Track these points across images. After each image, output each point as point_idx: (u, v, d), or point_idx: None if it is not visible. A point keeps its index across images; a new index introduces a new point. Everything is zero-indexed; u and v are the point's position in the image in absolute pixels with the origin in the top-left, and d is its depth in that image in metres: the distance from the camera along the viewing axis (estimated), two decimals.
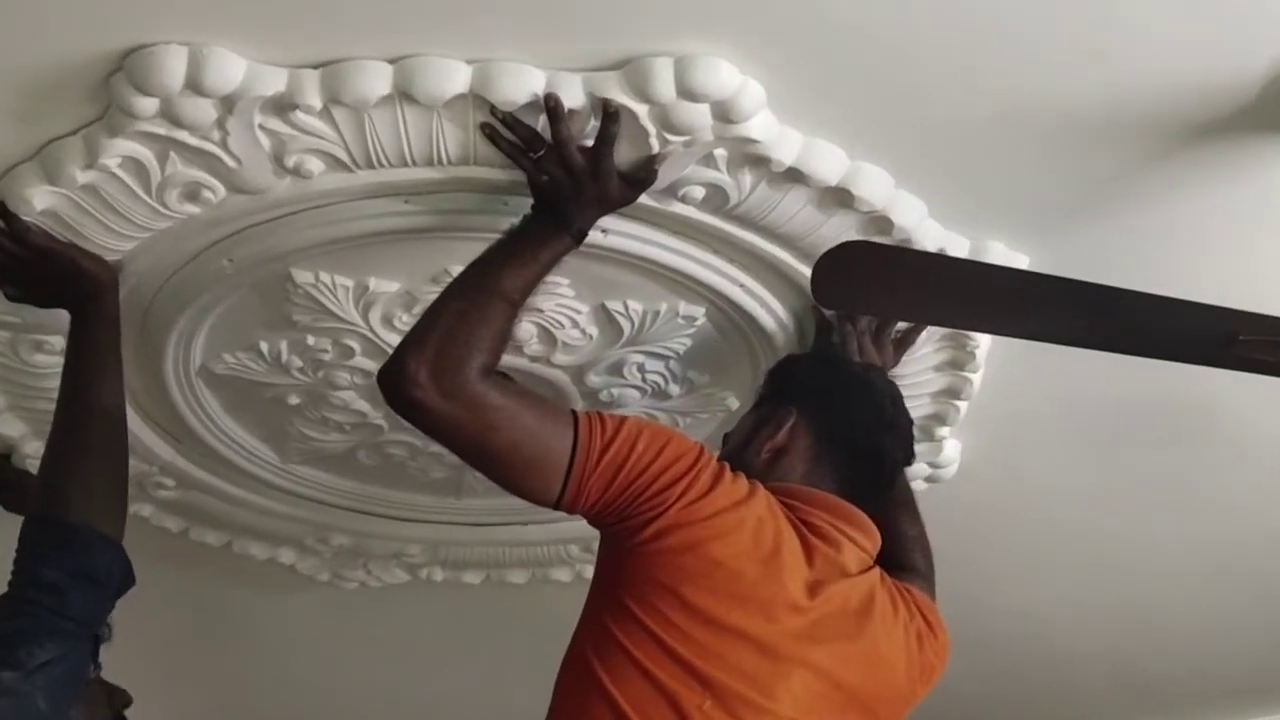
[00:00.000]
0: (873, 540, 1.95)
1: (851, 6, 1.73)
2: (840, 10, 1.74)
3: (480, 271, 1.84)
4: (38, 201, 1.89)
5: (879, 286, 1.84)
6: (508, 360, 1.99)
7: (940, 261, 1.94)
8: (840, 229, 2.03)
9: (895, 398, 2.13)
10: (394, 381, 1.76)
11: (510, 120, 1.81)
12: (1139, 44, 1.81)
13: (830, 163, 1.94)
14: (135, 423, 2.37)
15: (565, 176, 1.84)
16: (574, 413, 1.82)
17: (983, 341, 2.31)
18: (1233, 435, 2.60)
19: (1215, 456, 2.67)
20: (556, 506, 1.81)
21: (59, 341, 2.16)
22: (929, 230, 2.06)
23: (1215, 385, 2.47)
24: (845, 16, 1.75)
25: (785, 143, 1.89)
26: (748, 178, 1.94)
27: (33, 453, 2.41)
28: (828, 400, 2.04)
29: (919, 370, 2.35)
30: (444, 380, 1.74)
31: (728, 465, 1.86)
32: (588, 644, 1.81)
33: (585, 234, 1.90)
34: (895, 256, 1.87)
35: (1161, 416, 2.56)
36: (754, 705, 1.75)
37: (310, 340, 2.21)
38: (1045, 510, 2.78)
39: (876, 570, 1.94)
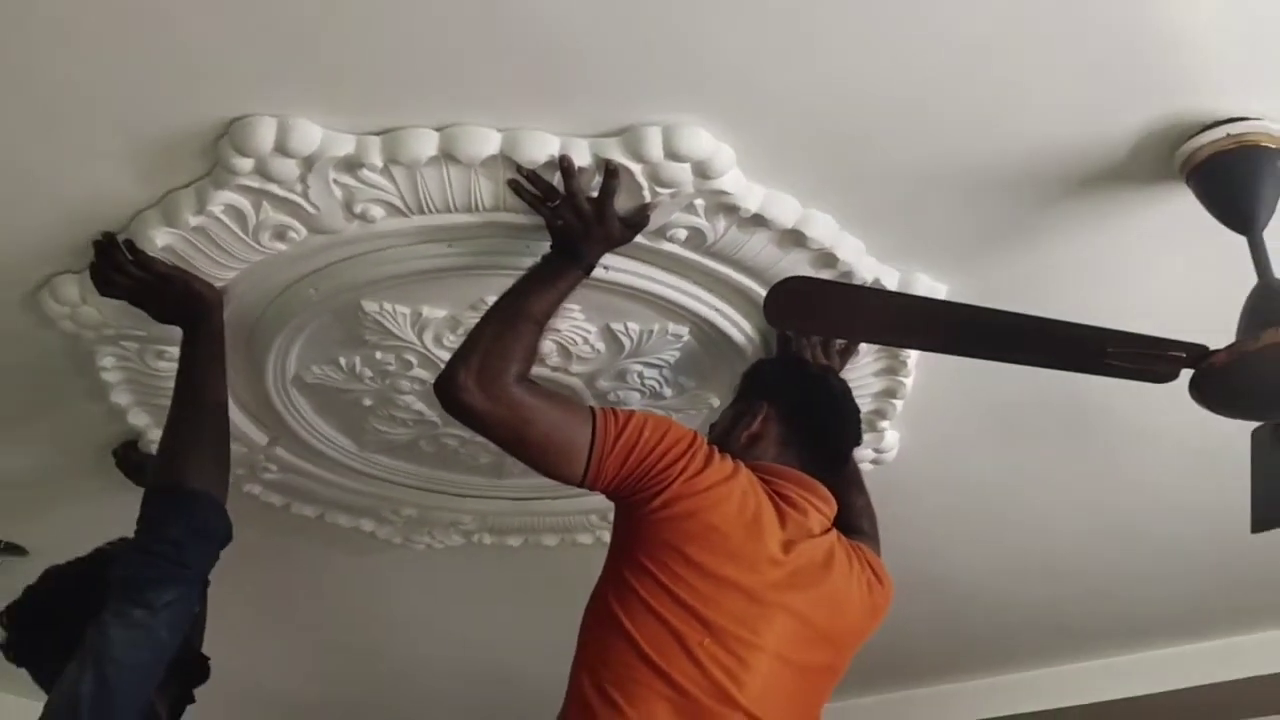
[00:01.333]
0: (831, 507, 1.92)
1: (801, 91, 1.71)
2: (792, 93, 1.71)
3: (511, 300, 1.81)
4: (159, 240, 1.86)
5: (815, 312, 1.79)
6: (534, 371, 1.95)
7: (858, 292, 1.90)
8: (795, 263, 1.97)
9: (846, 393, 2.10)
10: (447, 389, 1.74)
11: (532, 176, 1.77)
12: (1027, 113, 1.77)
13: (786, 210, 1.89)
14: (244, 421, 2.34)
15: (576, 221, 1.79)
16: (591, 408, 1.79)
17: (912, 353, 2.25)
18: (1108, 426, 2.54)
19: (1096, 443, 2.60)
20: (580, 485, 1.79)
21: (175, 351, 2.11)
22: (867, 264, 2.01)
23: (1095, 388, 2.42)
24: (796, 98, 1.72)
25: (751, 194, 1.85)
26: (721, 222, 1.89)
27: (155, 440, 2.37)
28: (793, 396, 2.01)
29: (862, 375, 2.28)
30: (487, 386, 1.72)
31: (715, 448, 1.82)
32: (610, 593, 1.78)
33: (593, 268, 1.86)
34: (825, 288, 1.83)
35: (1055, 412, 2.49)
36: (744, 641, 1.73)
37: (378, 355, 2.16)
38: (970, 486, 2.70)
39: (834, 532, 1.91)
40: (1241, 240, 1.83)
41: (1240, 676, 3.45)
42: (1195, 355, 1.63)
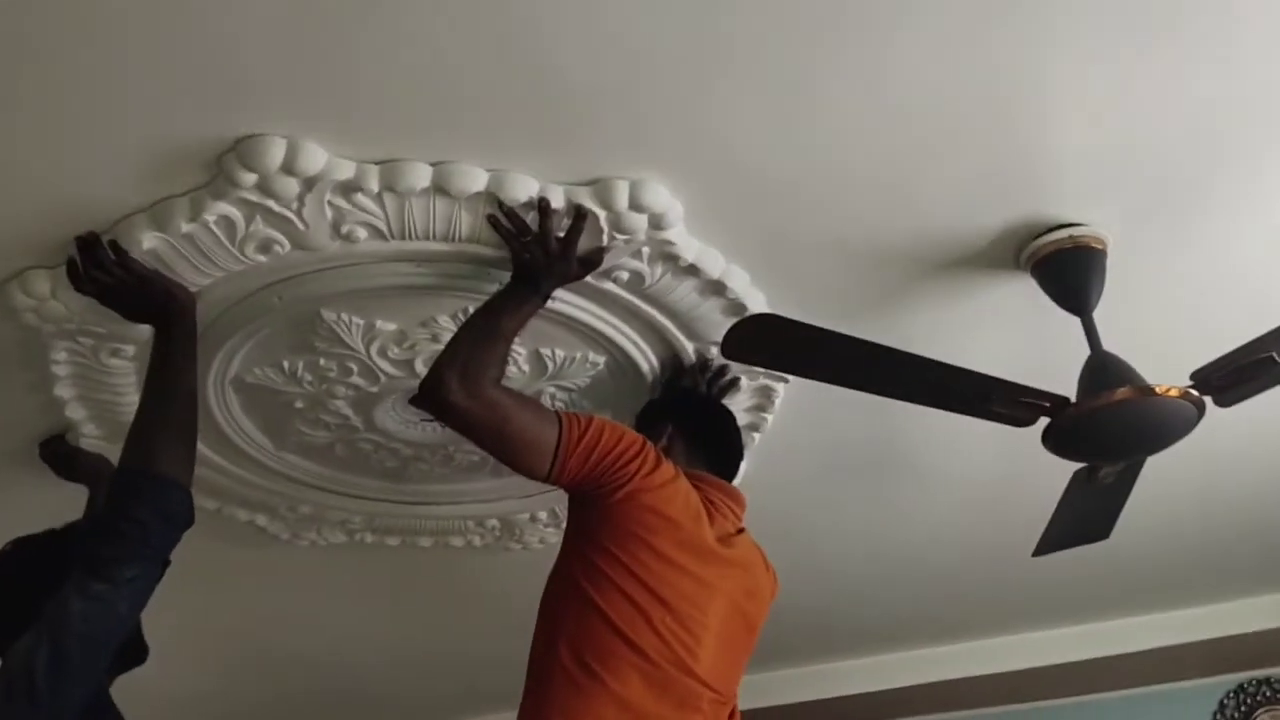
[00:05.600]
0: (743, 510, 1.99)
1: (754, 159, 1.77)
2: (747, 160, 1.77)
3: (485, 318, 1.81)
4: (145, 243, 1.74)
5: (775, 347, 1.85)
6: None
7: (821, 333, 1.87)
8: (710, 310, 2.04)
9: (732, 415, 2.18)
10: (434, 390, 1.73)
11: (510, 213, 1.76)
12: (915, 204, 1.89)
13: (714, 263, 1.95)
14: None
15: (542, 256, 1.80)
16: (557, 413, 1.79)
17: (782, 394, 2.34)
18: (918, 468, 2.70)
19: (905, 481, 2.76)
20: (545, 479, 1.79)
21: (131, 349, 2.01)
22: None
23: (912, 436, 2.60)
24: (749, 164, 1.78)
25: (689, 247, 1.90)
26: (660, 268, 1.93)
27: (89, 433, 2.22)
28: (691, 415, 2.09)
29: (735, 409, 2.34)
30: (470, 388, 1.72)
31: (660, 452, 1.85)
32: (579, 574, 1.78)
33: (548, 298, 1.86)
34: (794, 327, 1.85)
35: (876, 453, 2.64)
36: (696, 620, 1.77)
37: (321, 362, 2.09)
38: (805, 507, 2.80)
39: (747, 531, 1.97)
40: (1064, 319, 2.00)
41: (968, 675, 3.70)
42: (1057, 405, 1.77)
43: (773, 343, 1.79)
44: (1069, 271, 1.94)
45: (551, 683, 1.72)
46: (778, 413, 2.39)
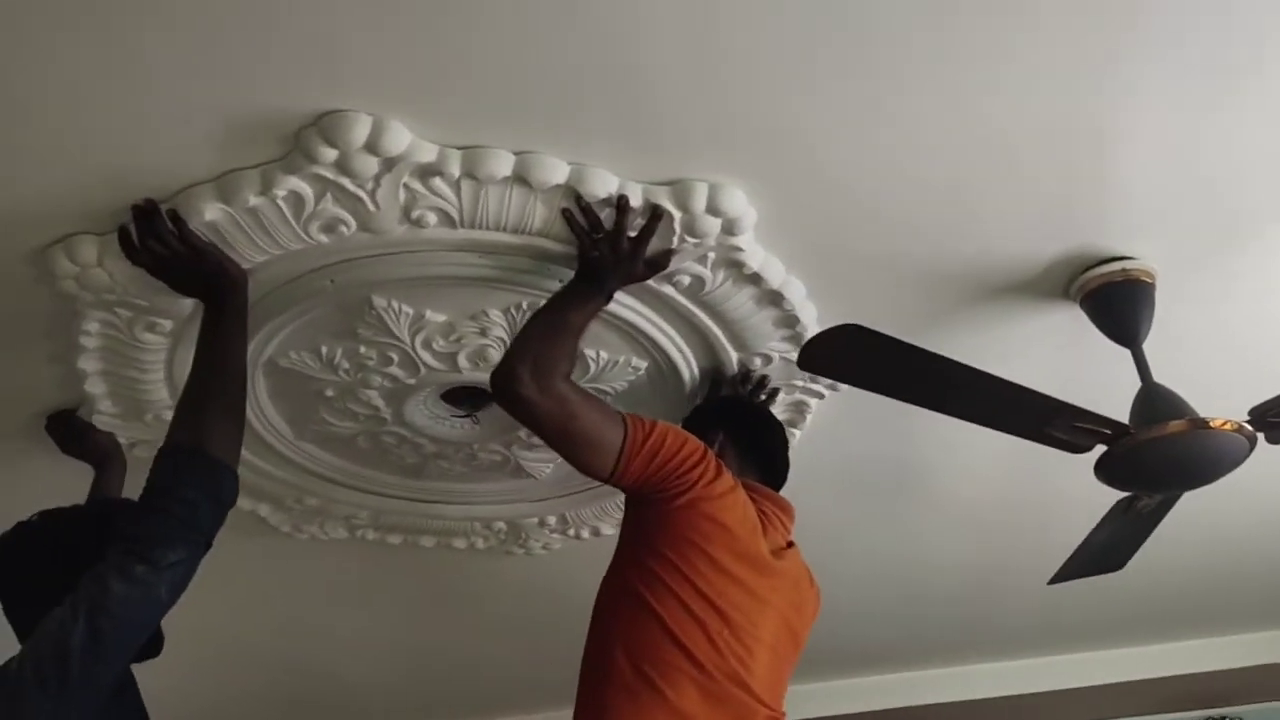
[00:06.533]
0: (793, 523, 1.97)
1: (834, 169, 1.75)
2: (826, 169, 1.75)
3: (553, 313, 1.78)
4: (207, 214, 1.67)
5: (859, 362, 1.82)
6: None
7: (911, 350, 1.83)
8: (762, 320, 2.03)
9: (783, 427, 2.17)
10: (507, 382, 1.69)
11: (587, 208, 1.73)
12: (978, 230, 1.90)
13: (776, 274, 1.93)
14: None
15: (611, 256, 1.77)
16: (621, 414, 1.76)
17: (814, 406, 2.32)
18: (929, 490, 2.71)
19: (916, 501, 2.77)
20: (607, 479, 1.75)
21: (168, 325, 1.93)
22: (815, 332, 2.04)
23: (927, 458, 2.60)
24: (826, 174, 1.76)
25: (756, 255, 1.88)
26: (721, 274, 1.91)
27: (104, 410, 2.13)
28: (743, 423, 2.06)
29: None
30: (541, 382, 1.69)
31: (720, 461, 1.82)
32: (635, 578, 1.75)
33: (611, 297, 1.83)
34: (884, 342, 1.79)
35: (890, 473, 2.65)
36: (749, 633, 1.75)
37: (361, 349, 2.02)
38: (820, 521, 2.76)
39: (795, 545, 1.95)
40: (1105, 350, 2.02)
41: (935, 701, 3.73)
42: (1117, 433, 1.78)
43: (859, 356, 1.78)
44: (1119, 303, 1.96)
45: (608, 689, 1.69)
46: (805, 428, 2.38)
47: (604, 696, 1.68)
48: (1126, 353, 2.00)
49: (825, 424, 2.37)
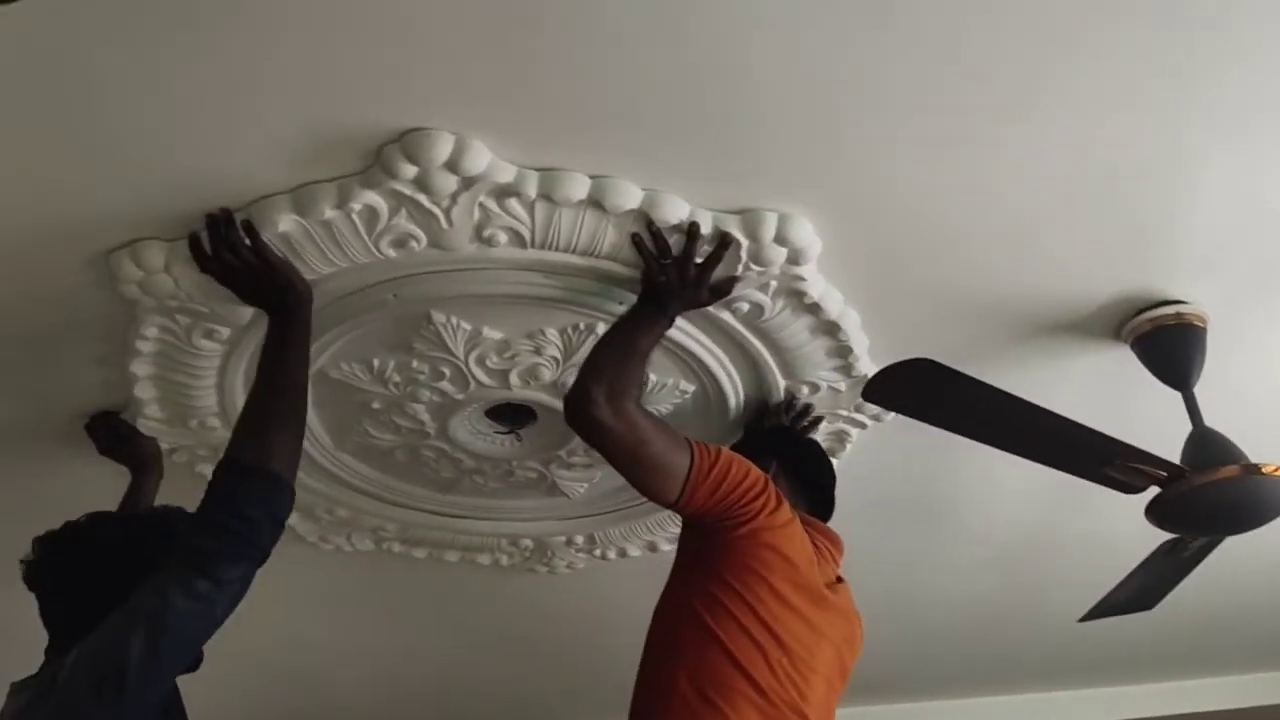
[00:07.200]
0: (842, 556, 1.97)
1: (904, 200, 1.76)
2: (895, 201, 1.77)
3: (623, 336, 1.78)
4: (280, 225, 1.67)
5: (928, 397, 1.82)
6: None
7: (982, 387, 1.83)
8: (815, 349, 2.03)
9: (829, 460, 2.18)
10: (582, 405, 1.69)
11: (657, 233, 1.74)
12: (1038, 267, 1.91)
13: (834, 304, 1.94)
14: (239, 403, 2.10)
15: (677, 281, 1.77)
16: (688, 440, 1.76)
17: (855, 438, 2.33)
18: (955, 523, 2.72)
19: (941, 533, 2.78)
20: (672, 505, 1.76)
21: (226, 332, 1.92)
22: (864, 363, 2.06)
23: (955, 491, 2.61)
24: (894, 205, 1.77)
25: (817, 285, 1.89)
26: (781, 303, 1.92)
27: (149, 415, 2.10)
28: (794, 453, 2.07)
29: None
30: (615, 405, 1.69)
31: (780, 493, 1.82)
32: (696, 602, 1.75)
33: (674, 322, 1.83)
34: (955, 377, 1.80)
35: (917, 505, 2.65)
36: (806, 663, 1.75)
37: (414, 364, 2.01)
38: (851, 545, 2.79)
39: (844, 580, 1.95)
40: (1152, 392, 2.04)
41: None
42: (1173, 475, 1.79)
43: (926, 390, 1.78)
44: (1170, 347, 1.97)
45: (669, 712, 1.68)
46: (842, 457, 2.38)
47: (666, 718, 1.68)
48: (1171, 393, 2.02)
49: (861, 453, 2.38)
